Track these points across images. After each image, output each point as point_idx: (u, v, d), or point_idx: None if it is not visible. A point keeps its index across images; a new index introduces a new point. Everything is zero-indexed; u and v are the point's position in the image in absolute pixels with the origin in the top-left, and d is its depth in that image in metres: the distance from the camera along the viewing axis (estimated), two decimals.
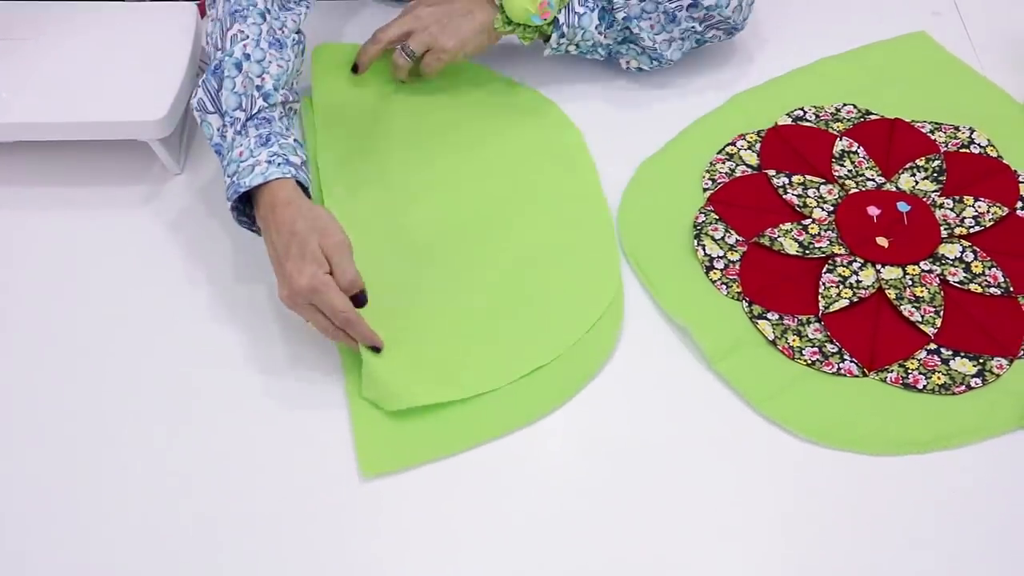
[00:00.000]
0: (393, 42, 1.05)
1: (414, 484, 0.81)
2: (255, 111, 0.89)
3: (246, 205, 0.89)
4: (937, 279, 0.91)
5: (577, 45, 1.04)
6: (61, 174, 1.03)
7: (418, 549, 0.78)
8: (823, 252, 0.93)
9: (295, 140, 0.89)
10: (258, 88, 0.89)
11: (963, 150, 1.02)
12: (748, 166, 1.01)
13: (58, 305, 0.93)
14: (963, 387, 0.85)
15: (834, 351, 0.87)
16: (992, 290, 0.91)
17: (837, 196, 0.98)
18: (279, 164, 0.85)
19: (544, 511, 0.79)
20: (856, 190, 0.98)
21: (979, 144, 1.02)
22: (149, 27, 1.05)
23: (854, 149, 1.02)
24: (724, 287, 0.92)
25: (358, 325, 0.83)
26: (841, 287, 0.91)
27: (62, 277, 0.95)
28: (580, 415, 0.85)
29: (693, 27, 1.04)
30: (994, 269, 0.92)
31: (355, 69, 1.06)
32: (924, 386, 0.85)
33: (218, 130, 0.90)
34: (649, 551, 0.77)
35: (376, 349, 0.85)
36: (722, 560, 0.77)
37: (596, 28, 1.02)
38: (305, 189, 0.87)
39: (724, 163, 1.02)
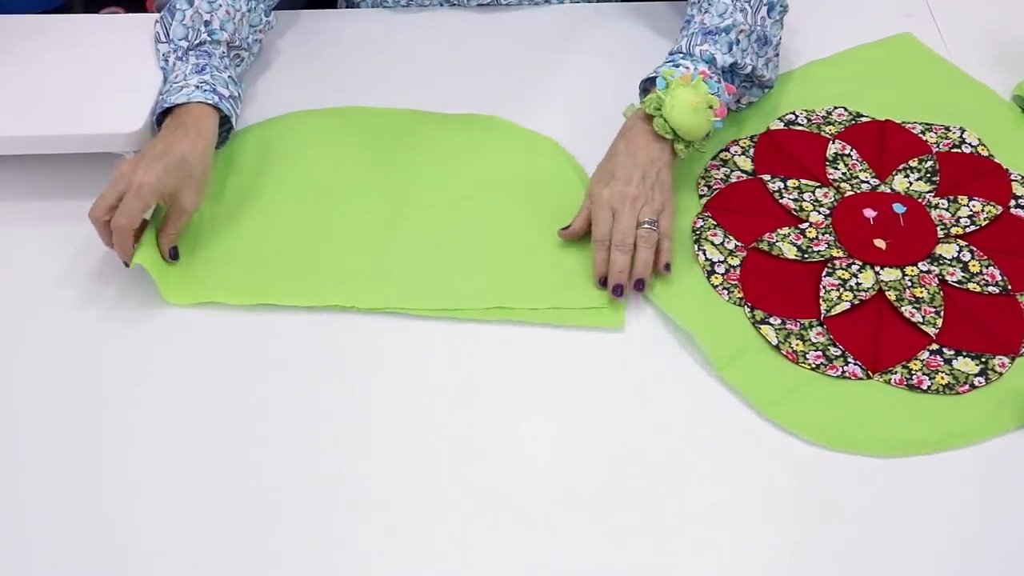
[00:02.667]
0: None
1: (401, 489, 0.80)
2: (198, 42, 1.00)
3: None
4: (936, 279, 0.92)
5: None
6: (36, 188, 1.01)
7: (405, 553, 0.77)
8: (822, 256, 0.93)
9: (230, 76, 1.00)
10: (205, 24, 1.01)
11: (955, 150, 1.03)
12: (743, 172, 1.01)
13: (37, 318, 0.91)
14: (967, 387, 0.85)
15: (837, 354, 0.87)
16: (991, 288, 0.91)
17: (832, 199, 0.98)
18: (205, 91, 0.96)
19: (550, 519, 0.79)
20: (851, 193, 0.99)
21: (970, 143, 1.03)
22: (122, 39, 1.05)
23: (847, 152, 1.02)
24: (725, 292, 0.92)
25: (121, 231, 0.88)
26: (841, 290, 0.91)
27: (39, 291, 0.93)
28: (584, 422, 0.85)
29: (780, 37, 1.02)
30: (992, 268, 0.92)
31: (618, 291, 0.91)
32: (928, 387, 0.85)
33: (163, 56, 1.01)
34: (659, 557, 0.77)
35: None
36: (732, 564, 0.77)
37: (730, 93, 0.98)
38: (227, 118, 0.99)
39: (718, 169, 1.02)
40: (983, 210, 0.97)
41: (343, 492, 0.81)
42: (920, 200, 0.98)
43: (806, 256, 0.94)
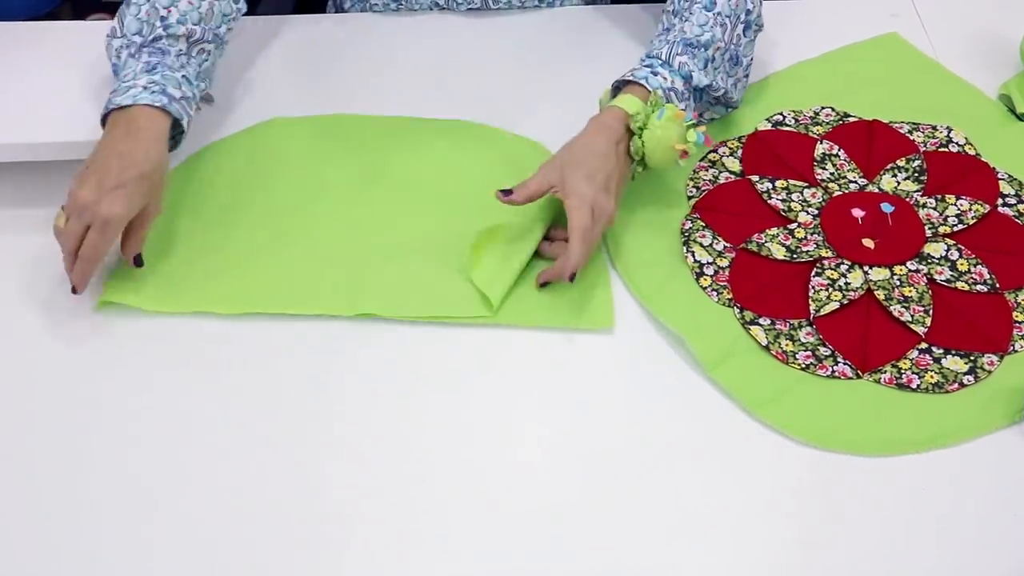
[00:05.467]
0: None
1: (393, 493, 0.80)
2: (152, 38, 0.94)
3: None
4: (924, 278, 0.92)
5: None
6: (8, 195, 1.01)
7: (398, 556, 0.77)
8: (810, 256, 0.94)
9: (184, 76, 0.94)
10: (162, 19, 0.95)
11: (942, 149, 1.03)
12: (731, 172, 1.02)
13: (18, 324, 0.91)
14: (956, 385, 0.86)
15: (827, 354, 0.87)
16: (979, 287, 0.91)
17: (821, 199, 0.98)
18: (153, 92, 0.91)
19: (542, 521, 0.79)
20: (839, 193, 0.99)
21: (957, 143, 1.03)
22: (102, 46, 1.04)
23: (835, 152, 1.03)
24: (715, 293, 0.92)
25: (87, 264, 0.87)
26: (830, 290, 0.91)
27: (19, 297, 0.93)
28: (576, 424, 0.85)
29: (751, 58, 1.03)
30: (979, 266, 0.93)
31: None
32: (918, 386, 0.86)
33: (116, 51, 0.96)
34: (651, 558, 0.77)
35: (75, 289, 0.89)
36: (724, 564, 0.77)
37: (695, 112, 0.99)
38: (178, 121, 0.93)
39: (707, 170, 1.02)
40: (970, 209, 0.97)
41: (334, 497, 0.81)
42: (908, 199, 0.98)
43: (795, 256, 0.94)
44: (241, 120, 1.08)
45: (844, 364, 0.87)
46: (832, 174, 1.01)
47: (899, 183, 1.00)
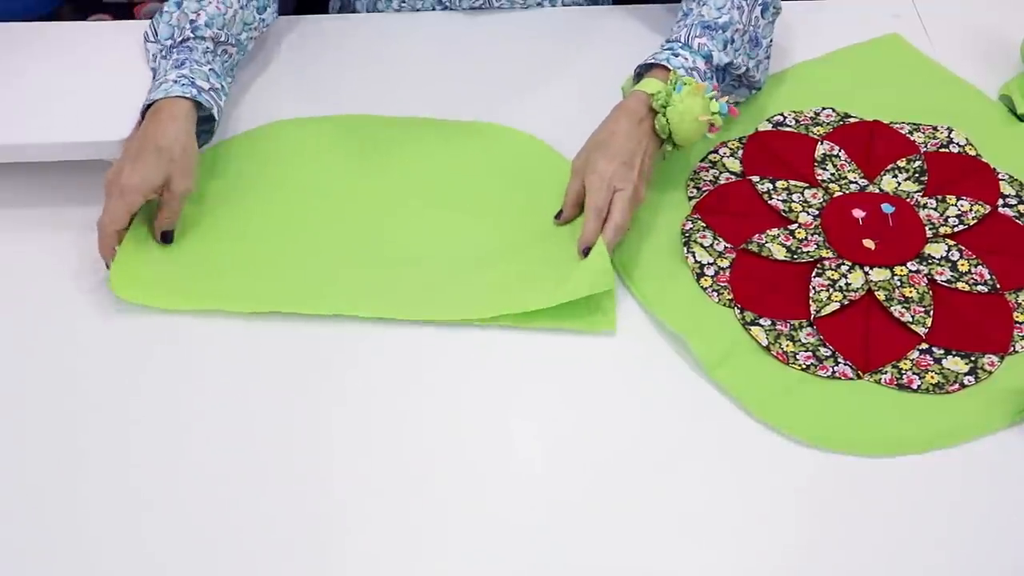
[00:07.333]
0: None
1: (394, 496, 0.80)
2: (181, 39, 1.00)
3: None
4: (925, 279, 0.92)
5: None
6: (19, 195, 1.01)
7: (399, 560, 0.77)
8: (811, 256, 0.94)
9: (211, 69, 1.00)
10: (191, 22, 1.01)
11: (942, 150, 1.03)
12: (732, 173, 1.02)
13: (18, 323, 0.91)
14: (957, 385, 0.86)
15: (828, 355, 0.87)
16: (979, 288, 0.91)
17: (821, 200, 0.99)
18: (183, 84, 0.96)
19: (544, 524, 0.79)
20: (840, 193, 0.99)
21: (958, 144, 1.03)
22: (110, 46, 1.05)
23: (835, 152, 1.03)
24: (715, 294, 0.92)
25: (108, 234, 0.91)
26: (831, 290, 0.91)
27: (19, 297, 0.93)
28: (578, 427, 0.85)
29: (770, 39, 1.05)
30: (980, 267, 0.93)
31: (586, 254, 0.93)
32: (918, 386, 0.86)
33: (152, 56, 1.02)
34: (653, 560, 0.77)
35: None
36: (725, 565, 0.77)
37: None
38: (208, 110, 0.98)
39: (708, 171, 1.02)
40: (971, 209, 0.97)
41: (334, 498, 0.81)
42: (908, 200, 0.98)
43: (795, 257, 0.94)
44: (242, 120, 1.08)
45: (845, 365, 0.87)
46: (833, 175, 1.01)
47: (900, 184, 1.00)
